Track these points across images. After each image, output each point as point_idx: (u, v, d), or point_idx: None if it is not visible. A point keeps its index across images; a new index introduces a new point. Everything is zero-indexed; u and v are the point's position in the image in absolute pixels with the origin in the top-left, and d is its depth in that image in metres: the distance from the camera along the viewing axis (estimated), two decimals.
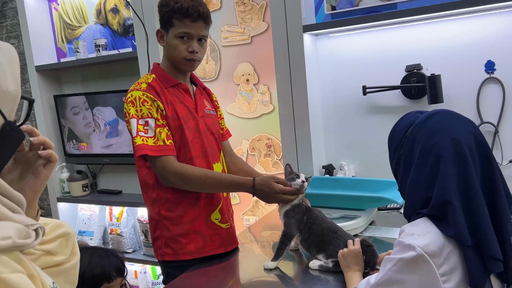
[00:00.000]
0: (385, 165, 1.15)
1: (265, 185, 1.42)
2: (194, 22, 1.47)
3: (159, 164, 1.44)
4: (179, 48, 1.49)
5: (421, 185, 0.93)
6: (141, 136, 1.43)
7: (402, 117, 1.05)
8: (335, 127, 2.19)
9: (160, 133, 1.44)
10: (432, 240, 0.87)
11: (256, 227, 1.91)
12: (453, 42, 1.88)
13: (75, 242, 0.84)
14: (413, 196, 0.96)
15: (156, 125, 1.44)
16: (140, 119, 1.44)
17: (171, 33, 1.49)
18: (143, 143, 1.42)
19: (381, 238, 1.59)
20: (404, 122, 1.02)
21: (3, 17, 3.20)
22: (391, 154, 1.05)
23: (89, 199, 2.90)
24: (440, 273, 0.85)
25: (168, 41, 1.50)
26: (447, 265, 0.86)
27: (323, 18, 2.05)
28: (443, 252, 0.86)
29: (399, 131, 1.01)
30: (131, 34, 2.71)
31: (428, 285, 0.86)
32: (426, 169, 0.92)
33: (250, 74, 2.47)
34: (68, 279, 0.82)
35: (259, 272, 1.42)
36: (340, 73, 2.13)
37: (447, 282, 0.85)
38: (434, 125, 0.94)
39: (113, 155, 2.78)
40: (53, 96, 2.91)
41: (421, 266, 0.86)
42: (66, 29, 2.95)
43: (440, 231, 0.89)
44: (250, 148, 2.54)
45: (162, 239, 1.53)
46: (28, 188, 0.72)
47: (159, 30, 1.52)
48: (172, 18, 1.47)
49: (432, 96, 1.86)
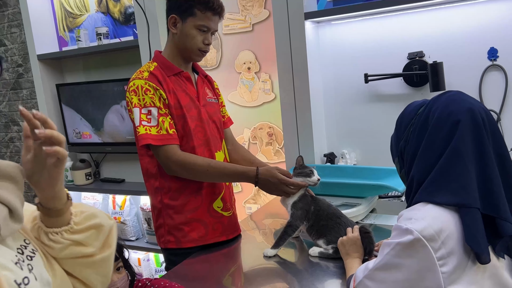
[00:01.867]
0: (386, 154, 1.15)
1: (270, 175, 1.42)
2: (214, 15, 1.48)
3: (163, 153, 1.44)
4: (196, 38, 1.48)
5: (435, 152, 0.93)
6: (144, 125, 1.43)
7: (409, 104, 1.05)
8: (336, 115, 2.18)
9: (163, 122, 1.44)
10: (430, 224, 0.87)
11: (257, 215, 1.92)
12: (455, 29, 1.87)
13: (111, 234, 0.78)
14: (423, 165, 0.95)
15: (159, 114, 1.44)
16: (142, 108, 1.44)
17: (190, 22, 1.47)
18: (146, 132, 1.42)
19: (382, 225, 1.60)
20: (414, 104, 1.03)
21: (5, 5, 3.19)
22: (399, 134, 1.04)
23: (92, 188, 2.92)
24: (438, 257, 0.86)
25: (185, 30, 1.48)
26: (444, 249, 0.86)
27: (325, 5, 2.03)
28: (440, 236, 0.86)
29: (410, 111, 1.02)
30: (132, 22, 2.70)
31: (425, 269, 0.87)
32: (441, 135, 0.92)
33: (251, 62, 2.46)
34: (99, 272, 0.77)
35: (260, 259, 1.44)
36: (342, 61, 2.12)
37: (444, 266, 0.86)
38: (449, 97, 0.96)
39: (116, 144, 2.79)
40: (55, 85, 2.91)
41: (418, 250, 0.86)
42: (67, 17, 2.94)
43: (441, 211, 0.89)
44: (251, 137, 2.54)
45: (165, 227, 1.54)
46: (43, 182, 0.68)
47: (174, 16, 1.48)
48: (194, 8, 1.45)
49: (434, 83, 1.85)
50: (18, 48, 3.22)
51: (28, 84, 3.23)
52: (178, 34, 1.50)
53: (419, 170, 0.96)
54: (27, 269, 0.64)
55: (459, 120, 0.91)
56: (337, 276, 1.25)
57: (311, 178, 1.42)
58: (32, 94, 3.19)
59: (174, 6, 1.48)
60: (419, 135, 0.97)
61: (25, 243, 0.70)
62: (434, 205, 0.91)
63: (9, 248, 0.65)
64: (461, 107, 0.92)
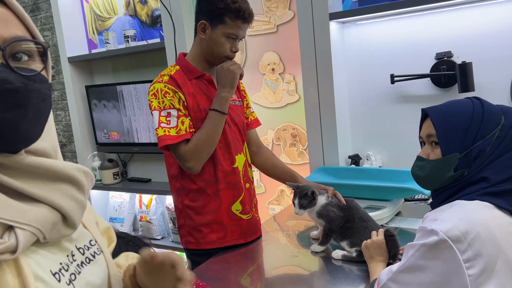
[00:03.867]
0: (413, 155, 1.12)
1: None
2: (244, 24, 1.49)
3: (178, 150, 1.45)
4: (225, 46, 1.49)
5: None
6: (163, 127, 1.45)
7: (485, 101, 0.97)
8: (362, 117, 2.16)
9: (182, 123, 1.46)
10: (456, 225, 0.85)
11: (281, 216, 1.92)
12: (485, 29, 1.81)
13: None
14: (503, 171, 0.92)
15: (178, 115, 1.46)
16: (162, 111, 1.46)
17: (220, 29, 1.47)
18: (165, 134, 1.44)
19: (407, 229, 1.57)
20: (494, 107, 0.96)
21: (37, 9, 3.30)
22: (482, 134, 0.95)
23: (119, 187, 2.99)
24: (464, 259, 0.83)
25: (214, 37, 1.49)
26: (471, 251, 0.83)
27: (350, 6, 2.01)
28: (467, 237, 0.84)
29: (495, 114, 0.95)
30: (159, 24, 2.74)
31: (451, 271, 0.84)
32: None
33: (275, 64, 2.46)
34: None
35: (282, 260, 1.44)
36: (368, 62, 2.09)
37: (470, 268, 0.83)
38: None
39: (142, 144, 2.84)
40: (85, 87, 2.99)
41: (443, 251, 0.84)
42: (96, 20, 3.02)
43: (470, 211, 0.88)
44: (275, 138, 2.54)
45: (185, 228, 1.57)
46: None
47: (203, 22, 1.48)
48: (225, 16, 1.45)
49: (463, 84, 1.80)
50: (50, 51, 3.32)
51: (59, 86, 3.33)
52: (207, 40, 1.50)
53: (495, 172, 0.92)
54: (67, 279, 0.62)
55: None
56: (361, 280, 1.23)
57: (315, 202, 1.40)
58: (63, 95, 3.28)
59: (205, 11, 1.48)
60: (509, 144, 0.93)
61: (89, 244, 0.69)
62: (461, 207, 0.89)
63: (60, 252, 0.63)
64: None
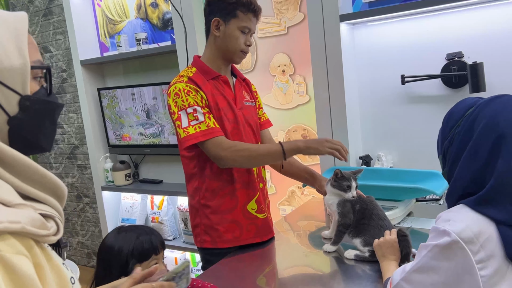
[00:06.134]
0: (424, 156, 1.13)
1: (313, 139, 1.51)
2: (254, 17, 1.53)
3: (212, 145, 1.46)
4: (239, 40, 1.53)
5: (479, 162, 0.89)
6: (193, 125, 1.46)
7: (461, 100, 1.01)
8: (372, 117, 2.16)
9: (209, 118, 1.48)
10: (469, 226, 0.85)
11: (292, 217, 1.93)
12: (496, 29, 1.81)
13: None
14: (464, 172, 0.92)
15: (204, 111, 1.48)
16: (188, 108, 1.47)
17: (233, 24, 1.51)
18: (196, 131, 1.45)
19: (419, 229, 1.58)
20: (464, 103, 0.98)
21: (50, 13, 3.35)
22: (445, 134, 1.00)
23: (131, 188, 3.02)
24: (476, 260, 0.84)
25: (228, 32, 1.52)
26: (483, 252, 0.84)
27: (361, 7, 2.02)
28: (479, 238, 0.84)
29: (459, 110, 0.98)
30: (170, 27, 2.77)
31: (463, 272, 0.85)
32: (485, 147, 0.89)
33: (286, 65, 2.48)
34: None
35: (294, 261, 1.45)
36: (378, 62, 2.10)
37: (483, 269, 0.84)
38: (499, 105, 0.91)
39: (154, 146, 2.87)
40: (97, 89, 3.03)
41: (456, 252, 0.85)
42: (108, 24, 3.06)
43: (481, 216, 0.86)
44: (286, 139, 2.55)
45: (201, 227, 1.58)
46: None
47: (217, 19, 1.52)
48: (237, 10, 1.49)
49: (474, 85, 1.80)
50: (63, 54, 3.37)
51: (71, 89, 3.37)
52: (221, 36, 1.53)
53: (463, 177, 0.92)
54: (70, 270, 0.69)
55: (504, 135, 0.86)
56: (373, 280, 1.24)
57: (346, 193, 1.40)
58: (75, 98, 3.33)
59: (217, 9, 1.52)
60: (464, 139, 0.93)
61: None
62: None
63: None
64: (509, 117, 0.87)
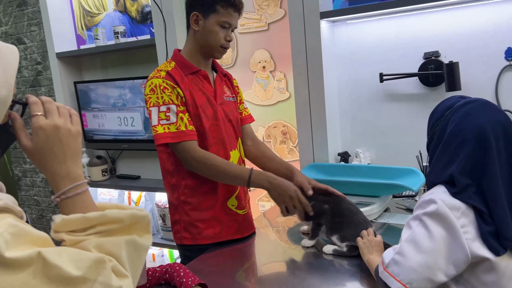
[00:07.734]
0: (401, 153, 1.17)
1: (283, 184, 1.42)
2: (235, 12, 1.51)
3: (181, 149, 1.46)
4: (219, 35, 1.51)
5: (441, 163, 1.02)
6: (162, 124, 1.45)
7: (446, 98, 1.11)
8: (351, 115, 2.19)
9: (181, 119, 1.46)
10: (448, 199, 0.95)
11: (271, 213, 1.94)
12: (472, 29, 1.86)
13: None
14: (434, 170, 1.04)
15: (177, 110, 1.46)
16: (161, 106, 1.46)
17: (212, 19, 1.49)
18: (165, 131, 1.45)
19: (395, 224, 1.61)
20: (446, 103, 1.08)
21: (25, 4, 3.26)
22: (428, 130, 1.12)
23: (108, 184, 2.97)
24: (460, 224, 0.93)
25: (207, 27, 1.51)
26: (464, 218, 0.94)
27: (341, 5, 2.03)
28: (459, 209, 0.94)
29: (439, 110, 1.08)
30: (149, 21, 2.73)
31: (451, 236, 0.93)
32: (450, 149, 1.00)
33: (266, 61, 2.48)
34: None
35: (274, 256, 1.46)
36: (357, 60, 2.13)
37: (466, 233, 0.93)
38: (468, 110, 1.00)
39: (132, 141, 2.83)
40: (73, 83, 2.96)
41: (443, 216, 0.94)
42: (85, 16, 2.99)
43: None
44: (266, 135, 2.56)
45: (181, 224, 1.57)
46: None
47: (196, 13, 1.51)
48: (216, 5, 1.48)
49: (450, 83, 1.84)
50: (37, 46, 3.28)
51: (46, 82, 3.29)
52: (200, 31, 1.52)
53: (435, 171, 1.03)
54: None
55: (465, 140, 0.97)
56: (351, 274, 1.26)
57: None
58: (51, 91, 3.25)
59: (196, 3, 1.51)
60: (438, 141, 1.05)
61: None
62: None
63: None
64: (473, 125, 0.97)
